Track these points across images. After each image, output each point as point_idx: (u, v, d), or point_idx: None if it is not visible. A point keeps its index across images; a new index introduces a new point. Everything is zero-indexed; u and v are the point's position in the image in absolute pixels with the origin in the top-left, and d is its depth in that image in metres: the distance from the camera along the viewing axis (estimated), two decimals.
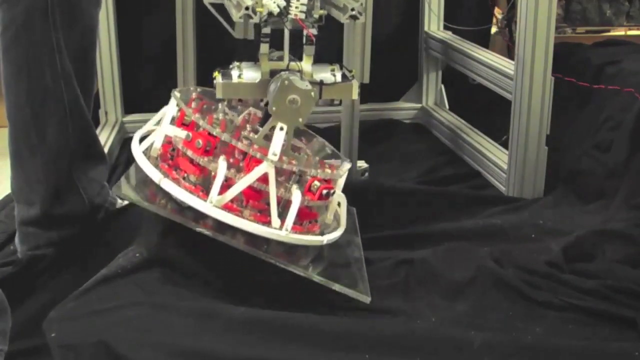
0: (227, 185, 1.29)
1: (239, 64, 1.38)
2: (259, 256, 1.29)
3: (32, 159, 1.45)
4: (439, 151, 2.16)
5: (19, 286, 1.36)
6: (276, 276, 1.40)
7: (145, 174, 1.34)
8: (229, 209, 1.29)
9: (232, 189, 1.28)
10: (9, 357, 1.09)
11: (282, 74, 1.32)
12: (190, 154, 1.31)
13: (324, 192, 1.34)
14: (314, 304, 1.33)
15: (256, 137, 1.36)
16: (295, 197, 1.30)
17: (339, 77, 1.38)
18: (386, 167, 2.00)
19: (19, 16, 1.37)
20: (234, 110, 1.48)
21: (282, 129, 1.30)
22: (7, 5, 1.38)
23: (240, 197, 1.31)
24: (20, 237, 1.50)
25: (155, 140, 1.37)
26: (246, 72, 1.36)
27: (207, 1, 1.49)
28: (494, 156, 1.91)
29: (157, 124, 1.42)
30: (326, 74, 1.37)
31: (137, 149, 1.37)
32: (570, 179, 1.79)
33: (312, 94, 1.31)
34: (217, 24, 1.49)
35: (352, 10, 1.31)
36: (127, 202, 1.66)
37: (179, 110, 1.37)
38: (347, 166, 1.42)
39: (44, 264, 1.43)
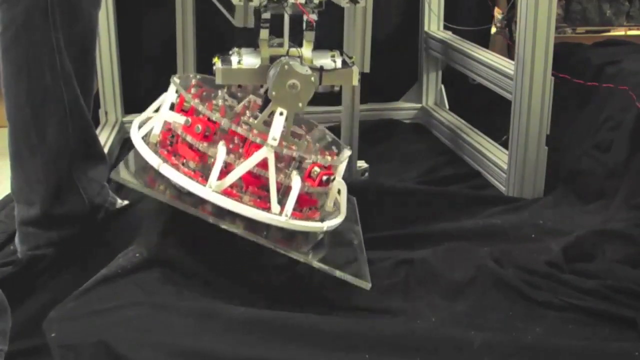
0: (227, 171, 1.28)
1: (238, 49, 1.38)
2: (259, 241, 1.28)
3: (32, 159, 1.45)
4: (439, 151, 2.16)
5: (19, 286, 1.36)
6: (276, 276, 1.40)
7: (144, 160, 1.32)
8: (228, 195, 1.28)
9: (232, 174, 1.27)
10: (9, 357, 1.09)
11: (282, 59, 1.31)
12: (189, 139, 1.30)
13: (324, 178, 1.33)
14: (314, 304, 1.33)
15: (256, 122, 1.35)
16: (295, 183, 1.29)
17: (339, 63, 1.37)
18: (386, 167, 2.00)
19: (19, 16, 1.37)
20: (234, 97, 1.47)
21: (281, 114, 1.30)
22: (7, 5, 1.38)
23: (239, 183, 1.30)
24: (20, 237, 1.50)
25: (154, 126, 1.36)
26: (246, 58, 1.36)
27: None
28: (494, 156, 1.91)
29: (156, 111, 1.41)
30: (326, 60, 1.37)
31: (136, 134, 1.36)
32: (570, 179, 1.79)
33: (312, 79, 1.30)
34: (217, 12, 1.49)
35: None
36: (127, 202, 1.67)
37: (178, 96, 1.36)
38: (347, 153, 1.41)
39: (44, 264, 1.43)
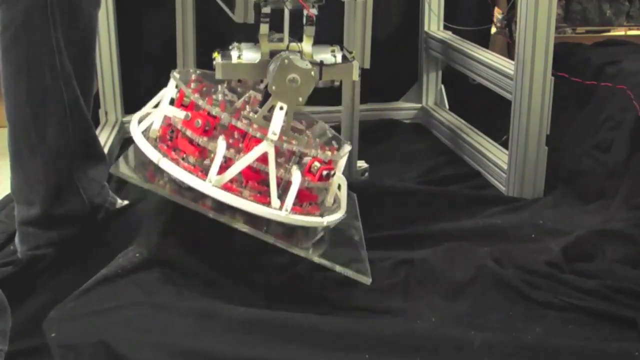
0: (227, 166, 1.28)
1: (238, 44, 1.38)
2: (259, 236, 1.28)
3: (32, 159, 1.45)
4: (439, 151, 2.16)
5: (19, 286, 1.35)
6: (276, 276, 1.40)
7: (144, 155, 1.32)
8: (228, 190, 1.27)
9: (232, 168, 1.26)
10: (9, 357, 1.09)
11: (282, 53, 1.31)
12: (189, 133, 1.30)
13: (324, 173, 1.33)
14: (314, 304, 1.33)
15: (256, 116, 1.34)
16: (295, 178, 1.28)
17: (339, 58, 1.37)
18: (386, 167, 2.00)
19: (19, 16, 1.37)
20: (234, 92, 1.47)
21: (281, 109, 1.29)
22: (6, 5, 1.38)
23: (239, 178, 1.30)
24: (20, 237, 1.50)
25: (154, 121, 1.35)
26: (246, 53, 1.36)
27: None
28: (494, 156, 1.91)
29: (156, 106, 1.40)
30: (326, 55, 1.37)
31: (135, 129, 1.36)
32: (570, 179, 1.79)
33: (312, 73, 1.30)
34: (217, 12, 1.49)
35: None
36: (127, 202, 1.67)
37: (178, 91, 1.35)
38: (347, 148, 1.41)
39: (44, 264, 1.43)
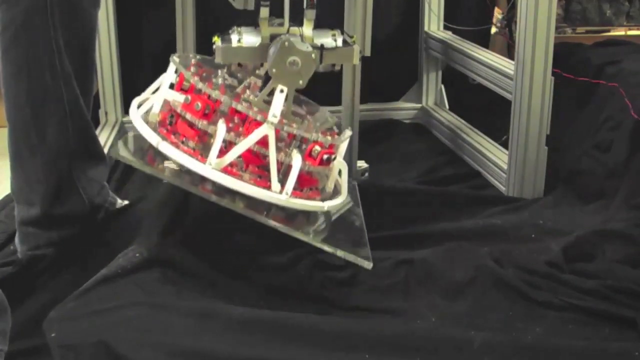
0: (227, 151, 1.27)
1: (238, 28, 1.37)
2: (259, 220, 1.27)
3: (32, 159, 1.45)
4: (439, 151, 2.16)
5: (19, 286, 1.35)
6: (276, 276, 1.40)
7: (143, 139, 1.31)
8: (228, 173, 1.27)
9: (232, 151, 1.26)
10: (9, 357, 1.09)
11: (283, 36, 1.31)
12: (189, 117, 1.29)
13: (325, 157, 1.32)
14: (314, 304, 1.33)
15: (256, 99, 1.34)
16: (295, 161, 1.28)
17: (340, 42, 1.37)
18: (386, 167, 2.00)
19: (19, 16, 1.37)
20: (234, 77, 1.46)
21: (282, 92, 1.29)
22: (6, 5, 1.38)
23: (239, 163, 1.29)
24: (20, 237, 1.50)
25: (153, 105, 1.35)
26: (246, 37, 1.36)
27: None
28: (494, 156, 1.91)
29: (155, 92, 1.40)
30: (327, 39, 1.36)
31: (135, 113, 1.35)
32: (570, 179, 1.79)
33: (313, 55, 1.30)
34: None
35: None
36: (127, 202, 1.67)
37: (178, 76, 1.35)
38: (348, 133, 1.41)
39: (44, 264, 1.43)
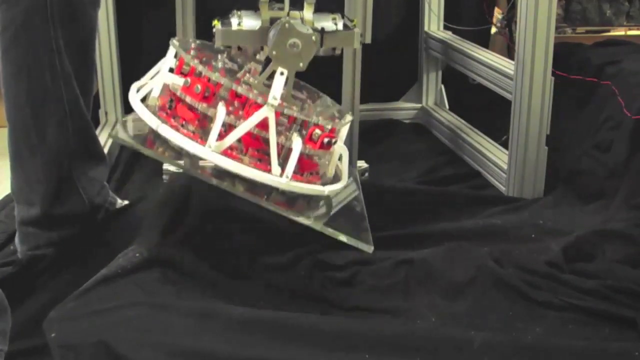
0: (227, 134, 1.26)
1: (239, 12, 1.37)
2: (259, 203, 1.27)
3: (32, 159, 1.45)
4: (439, 151, 2.16)
5: (19, 286, 1.35)
6: (276, 276, 1.40)
7: (142, 123, 1.30)
8: (228, 156, 1.26)
9: (232, 133, 1.25)
10: (9, 357, 1.09)
11: (283, 18, 1.30)
12: (188, 100, 1.28)
13: (326, 140, 1.31)
14: (314, 304, 1.33)
15: (256, 82, 1.33)
16: (295, 144, 1.27)
17: (340, 26, 1.36)
18: (386, 167, 2.00)
19: (19, 16, 1.37)
20: (233, 62, 1.46)
21: (282, 74, 1.28)
22: (6, 5, 1.38)
23: (239, 146, 1.28)
24: (20, 237, 1.50)
25: (153, 88, 1.34)
26: (246, 20, 1.35)
27: None
28: (494, 156, 1.91)
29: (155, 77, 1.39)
30: (328, 23, 1.36)
31: (134, 97, 1.34)
32: (570, 179, 1.79)
33: (314, 37, 1.29)
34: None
35: None
36: (127, 202, 1.67)
37: (177, 60, 1.34)
38: (349, 117, 1.41)
39: (44, 264, 1.43)
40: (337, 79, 1.77)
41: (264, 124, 1.25)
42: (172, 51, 1.36)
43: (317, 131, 1.31)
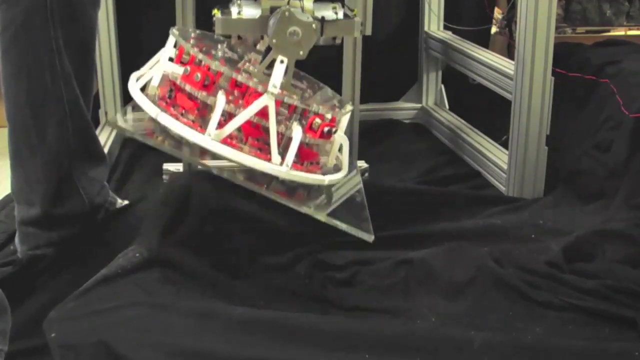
0: (226, 123, 1.25)
1: (238, 1, 1.36)
2: (259, 192, 1.26)
3: (32, 159, 1.45)
4: (439, 151, 2.16)
5: (19, 286, 1.35)
6: (276, 276, 1.40)
7: (142, 112, 1.29)
8: (228, 146, 1.25)
9: (231, 122, 1.24)
10: (9, 357, 1.09)
11: (283, 7, 1.30)
12: (188, 88, 1.27)
13: (326, 129, 1.30)
14: (314, 304, 1.33)
15: (256, 70, 1.32)
16: (295, 133, 1.26)
17: (340, 15, 1.36)
18: (386, 167, 2.00)
19: (19, 16, 1.37)
20: (233, 51, 1.45)
21: (282, 62, 1.28)
22: (6, 5, 1.38)
23: (239, 135, 1.28)
24: (20, 237, 1.50)
25: (152, 77, 1.32)
26: (246, 9, 1.35)
27: None
28: (494, 156, 1.91)
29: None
30: (328, 12, 1.35)
31: (134, 86, 1.33)
32: (570, 179, 1.79)
33: (314, 26, 1.29)
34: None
35: None
36: (127, 202, 1.67)
37: (177, 50, 1.33)
38: (349, 107, 1.40)
39: (44, 264, 1.43)
40: (337, 79, 1.77)
41: (264, 113, 1.24)
42: (171, 41, 1.35)
43: (317, 120, 1.30)
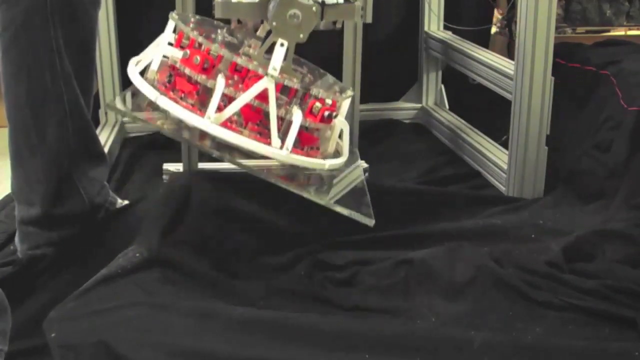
0: (226, 107, 1.25)
1: None
2: (259, 176, 1.26)
3: (32, 159, 1.45)
4: (439, 151, 2.16)
5: (19, 286, 1.35)
6: (276, 276, 1.40)
7: (141, 96, 1.27)
8: (227, 129, 1.24)
9: (231, 105, 1.23)
10: (9, 357, 1.08)
11: None
12: (187, 71, 1.27)
13: (326, 113, 1.30)
14: (314, 304, 1.33)
15: (256, 53, 1.31)
16: (295, 117, 1.26)
17: None
18: (386, 167, 2.00)
19: (19, 16, 1.37)
20: (233, 37, 1.45)
21: (282, 45, 1.27)
22: (6, 5, 1.38)
23: (239, 120, 1.27)
24: (20, 236, 1.50)
25: (152, 61, 1.32)
26: None
27: None
28: (494, 156, 1.91)
29: None
30: None
31: (133, 70, 1.32)
32: (570, 179, 1.79)
33: (314, 9, 1.28)
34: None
35: None
36: (127, 202, 1.67)
37: (177, 35, 1.32)
38: (350, 92, 1.40)
39: (44, 264, 1.43)
40: (337, 79, 1.77)
41: (264, 96, 1.24)
42: (170, 25, 1.34)
43: (318, 104, 1.29)
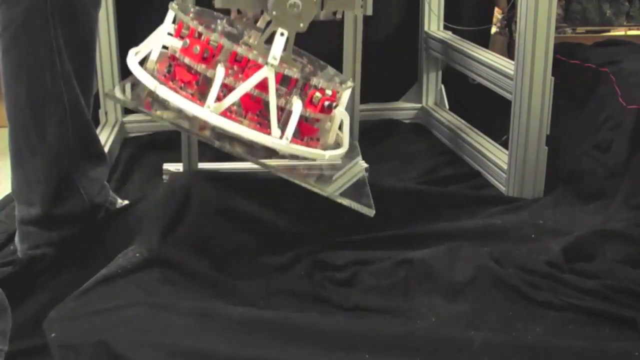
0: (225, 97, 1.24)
1: None
2: (259, 164, 1.25)
3: (32, 159, 1.45)
4: (439, 151, 2.16)
5: (19, 286, 1.35)
6: (276, 276, 1.40)
7: (140, 87, 1.27)
8: (227, 119, 1.23)
9: (231, 95, 1.23)
10: (9, 357, 1.09)
11: None
12: (187, 61, 1.26)
13: (326, 103, 1.30)
14: (314, 304, 1.33)
15: (256, 43, 1.31)
16: (295, 107, 1.26)
17: None
18: (386, 167, 2.00)
19: (19, 16, 1.37)
20: (233, 28, 1.45)
21: (282, 35, 1.27)
22: (6, 5, 1.38)
23: (239, 110, 1.27)
24: (20, 236, 1.50)
25: (152, 51, 1.31)
26: None
27: None
28: (494, 156, 1.91)
29: None
30: None
31: (132, 59, 1.31)
32: (570, 179, 1.79)
33: None
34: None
35: None
36: (127, 202, 1.67)
37: (176, 26, 1.31)
38: (350, 83, 1.39)
39: (44, 264, 1.43)
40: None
41: (263, 86, 1.23)
42: (170, 16, 1.34)
43: (318, 94, 1.29)
